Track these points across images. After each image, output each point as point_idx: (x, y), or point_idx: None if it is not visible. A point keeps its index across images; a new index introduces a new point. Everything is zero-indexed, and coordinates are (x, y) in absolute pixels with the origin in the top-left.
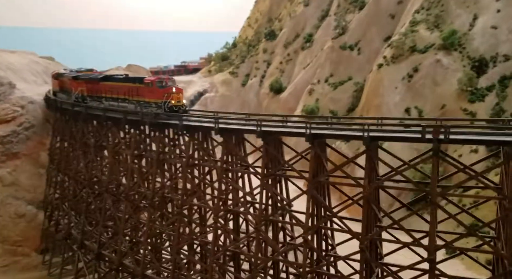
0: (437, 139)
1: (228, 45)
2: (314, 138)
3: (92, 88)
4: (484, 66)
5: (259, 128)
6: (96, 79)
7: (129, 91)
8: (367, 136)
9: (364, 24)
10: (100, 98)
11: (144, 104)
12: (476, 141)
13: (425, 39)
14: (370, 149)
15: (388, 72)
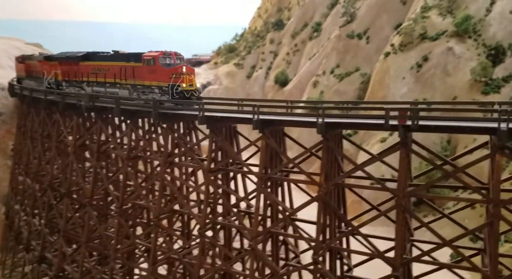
0: (403, 125)
1: (237, 36)
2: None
3: (69, 71)
4: (501, 54)
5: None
6: (74, 58)
7: (121, 72)
8: (321, 122)
9: (374, 11)
10: (81, 83)
11: (143, 89)
12: (453, 128)
13: (437, 25)
14: (328, 139)
15: (395, 61)
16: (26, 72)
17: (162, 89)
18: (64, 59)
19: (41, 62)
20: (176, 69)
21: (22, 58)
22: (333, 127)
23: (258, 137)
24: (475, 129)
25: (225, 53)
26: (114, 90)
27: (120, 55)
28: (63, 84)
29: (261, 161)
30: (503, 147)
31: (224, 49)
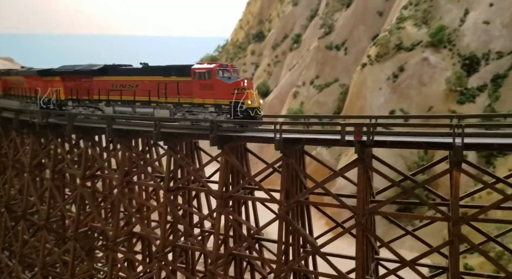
0: (359, 141)
1: (219, 48)
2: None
3: (77, 88)
4: (475, 64)
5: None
6: (86, 72)
7: (158, 88)
8: (279, 138)
9: (351, 23)
10: (96, 102)
11: (191, 107)
12: (410, 143)
13: (412, 36)
14: (287, 155)
15: (372, 72)
16: (4, 90)
17: (220, 107)
18: (69, 73)
19: (30, 78)
20: (237, 83)
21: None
22: (291, 143)
23: (220, 153)
24: (432, 144)
25: None
26: (147, 110)
27: (156, 68)
28: (68, 104)
29: (220, 179)
30: (460, 163)
31: (205, 61)
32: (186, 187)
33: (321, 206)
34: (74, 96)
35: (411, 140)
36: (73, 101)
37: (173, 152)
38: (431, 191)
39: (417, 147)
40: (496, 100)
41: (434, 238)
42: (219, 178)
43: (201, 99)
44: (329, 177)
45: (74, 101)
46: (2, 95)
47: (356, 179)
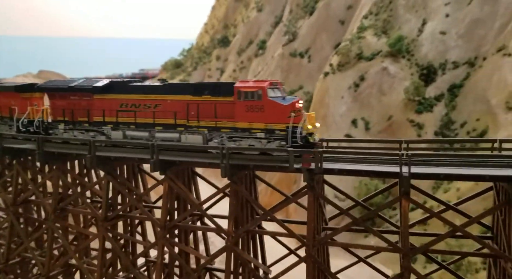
0: (308, 169)
1: (184, 52)
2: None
3: (72, 107)
4: (432, 74)
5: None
6: (84, 89)
7: (188, 110)
8: (225, 164)
9: (314, 30)
10: (99, 124)
11: (232, 133)
12: (358, 171)
13: (372, 45)
14: (235, 182)
15: (334, 81)
16: None
17: (272, 132)
18: (61, 90)
19: (1, 95)
20: (294, 104)
21: None
22: (239, 168)
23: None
24: (380, 173)
25: (171, 68)
26: (172, 135)
27: (183, 86)
28: (58, 126)
29: (163, 207)
30: (408, 192)
31: (170, 65)
32: (126, 215)
33: (270, 235)
34: (66, 117)
35: (359, 169)
36: (66, 123)
37: (111, 177)
38: (383, 218)
39: (366, 175)
40: (453, 110)
41: (393, 263)
42: (162, 206)
43: (247, 123)
44: (280, 204)
45: (68, 124)
46: None
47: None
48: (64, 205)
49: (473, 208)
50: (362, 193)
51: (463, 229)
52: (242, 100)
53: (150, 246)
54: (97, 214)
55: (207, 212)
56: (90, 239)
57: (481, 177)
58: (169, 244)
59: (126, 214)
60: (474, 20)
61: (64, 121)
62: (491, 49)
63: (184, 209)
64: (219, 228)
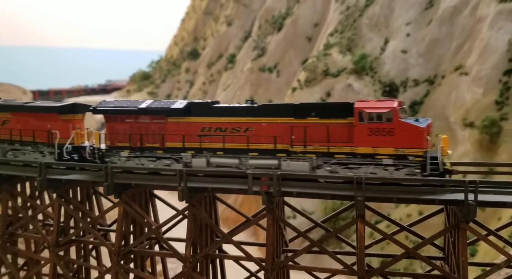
0: (266, 192)
1: (153, 63)
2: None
3: (138, 132)
4: (394, 91)
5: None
6: (158, 112)
7: (291, 133)
8: (183, 188)
9: (282, 46)
10: (176, 151)
11: (349, 158)
12: (315, 194)
13: (338, 62)
14: (194, 205)
15: (302, 96)
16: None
17: (404, 158)
18: (124, 112)
19: (31, 116)
20: (429, 127)
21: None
22: (197, 191)
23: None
24: (335, 196)
25: (139, 80)
26: (269, 161)
27: (282, 107)
28: (121, 153)
29: (117, 232)
30: (363, 215)
31: (138, 76)
32: (79, 240)
33: (229, 259)
34: (129, 143)
35: (316, 192)
36: (130, 149)
37: (63, 200)
38: (341, 239)
39: (323, 197)
40: None
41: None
42: (116, 231)
43: (370, 148)
44: (239, 226)
45: (133, 150)
46: None
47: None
48: (14, 229)
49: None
50: (329, 207)
51: (415, 251)
52: (366, 123)
53: (104, 272)
54: (48, 240)
55: (164, 236)
56: (41, 265)
57: (431, 201)
58: (124, 271)
59: (78, 239)
60: (433, 40)
61: (129, 147)
62: (449, 68)
63: (141, 233)
64: (176, 253)
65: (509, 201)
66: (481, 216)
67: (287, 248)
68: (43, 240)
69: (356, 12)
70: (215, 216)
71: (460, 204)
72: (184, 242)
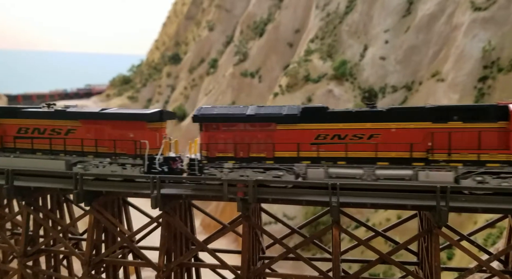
0: (242, 198)
1: (134, 68)
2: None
3: (241, 141)
4: (373, 97)
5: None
6: (267, 119)
7: (433, 140)
8: (156, 195)
9: (264, 52)
10: (287, 161)
11: (501, 167)
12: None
13: (318, 68)
14: (167, 212)
15: (283, 101)
16: (1, 141)
17: None
18: (226, 120)
19: (108, 124)
20: None
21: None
22: (172, 198)
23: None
24: (310, 202)
25: (119, 84)
26: (403, 172)
27: (417, 110)
28: (224, 164)
29: (88, 242)
30: (338, 221)
31: (118, 81)
32: (48, 250)
33: (204, 267)
34: (232, 153)
35: (292, 198)
36: (236, 160)
37: (31, 208)
38: (318, 246)
39: (298, 203)
40: None
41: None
42: (87, 240)
43: None
44: (215, 233)
45: (238, 161)
46: None
47: None
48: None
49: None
50: (310, 212)
51: (388, 257)
52: None
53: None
54: (16, 249)
55: (139, 244)
56: (9, 276)
57: (403, 206)
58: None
59: (47, 249)
60: (411, 47)
61: (233, 158)
62: (426, 75)
63: (113, 241)
64: (149, 262)
65: (480, 207)
66: (458, 219)
67: (264, 255)
68: (12, 250)
69: (336, 19)
70: (191, 223)
71: (432, 209)
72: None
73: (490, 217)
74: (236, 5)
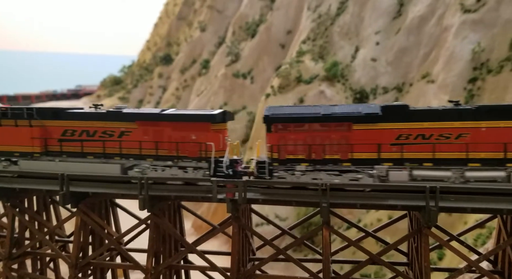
0: (231, 199)
1: (125, 68)
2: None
3: (318, 141)
4: (365, 98)
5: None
6: (343, 118)
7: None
8: (144, 196)
9: (256, 53)
10: (367, 162)
11: None
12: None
13: (310, 69)
14: (156, 214)
15: (275, 102)
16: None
17: None
18: (299, 120)
19: (160, 126)
20: None
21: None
22: (160, 200)
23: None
24: (300, 203)
25: (110, 85)
26: (493, 174)
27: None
28: (296, 167)
29: (74, 244)
30: (328, 222)
31: (108, 81)
32: (33, 252)
33: (193, 269)
34: (305, 154)
35: (282, 199)
36: (309, 163)
37: (17, 210)
38: (308, 247)
39: (288, 204)
40: None
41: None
42: (73, 242)
43: None
44: (204, 235)
45: (313, 163)
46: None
47: None
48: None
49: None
50: (302, 212)
51: (378, 257)
52: None
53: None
54: (1, 252)
55: (127, 246)
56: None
57: (393, 207)
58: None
59: (33, 251)
60: (401, 48)
61: (306, 160)
62: (416, 76)
63: (100, 244)
64: (137, 265)
65: (469, 207)
66: (448, 219)
67: (254, 257)
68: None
69: (327, 20)
70: (180, 225)
71: (421, 209)
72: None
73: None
74: (228, 6)
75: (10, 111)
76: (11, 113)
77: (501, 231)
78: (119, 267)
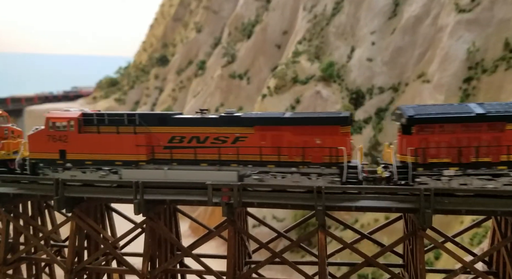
0: (227, 203)
1: (121, 70)
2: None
3: (465, 143)
4: (361, 98)
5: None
6: (497, 118)
7: None
8: (139, 200)
9: (252, 53)
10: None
11: None
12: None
13: (306, 70)
14: (151, 218)
15: (271, 103)
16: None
17: None
18: (446, 120)
19: (281, 130)
20: None
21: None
22: (156, 204)
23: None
24: (296, 206)
25: (106, 87)
26: None
27: None
28: (444, 172)
29: (69, 249)
30: (324, 225)
31: (105, 83)
32: (29, 258)
33: (189, 273)
34: (455, 158)
35: (278, 202)
36: (459, 167)
37: (11, 215)
38: (305, 249)
39: (284, 207)
40: (380, 132)
41: None
42: (68, 247)
43: None
44: (200, 239)
45: (464, 167)
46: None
47: None
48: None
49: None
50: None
51: (374, 259)
52: None
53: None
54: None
55: (123, 251)
56: None
57: (388, 209)
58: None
59: (28, 257)
60: (397, 48)
61: (455, 164)
62: (412, 76)
63: (96, 248)
64: (132, 269)
65: (464, 209)
66: (444, 219)
67: (251, 260)
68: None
69: (323, 20)
70: (176, 229)
71: (416, 212)
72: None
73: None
74: (224, 7)
75: (107, 117)
76: (109, 120)
77: (496, 232)
78: (114, 272)
